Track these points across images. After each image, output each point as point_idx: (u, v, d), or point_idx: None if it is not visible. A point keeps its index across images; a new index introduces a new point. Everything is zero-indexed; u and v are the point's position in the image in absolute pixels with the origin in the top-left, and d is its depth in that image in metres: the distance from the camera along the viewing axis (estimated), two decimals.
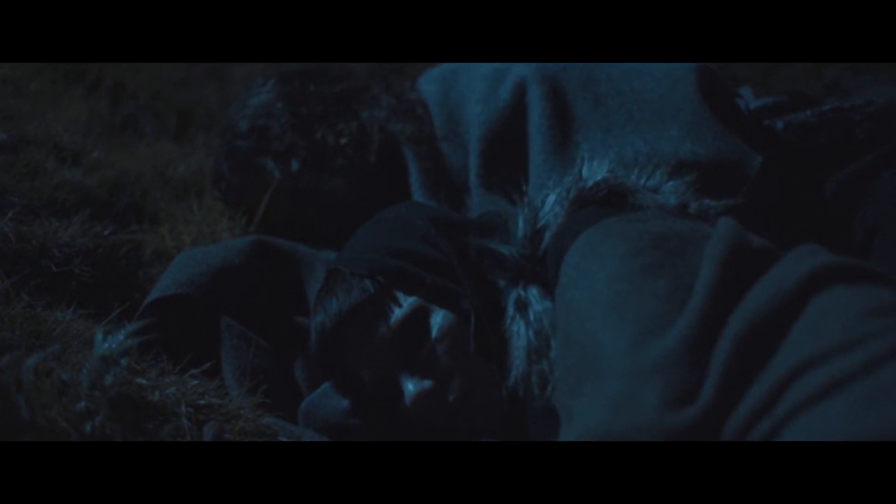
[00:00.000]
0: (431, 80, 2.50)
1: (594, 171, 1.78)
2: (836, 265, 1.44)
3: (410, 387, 1.81)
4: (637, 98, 2.19)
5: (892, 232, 2.08)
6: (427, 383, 1.81)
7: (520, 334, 1.67)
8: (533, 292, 1.68)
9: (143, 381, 1.66)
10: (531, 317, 1.66)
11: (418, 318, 1.82)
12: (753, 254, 1.49)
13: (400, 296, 1.83)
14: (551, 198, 1.75)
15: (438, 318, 1.81)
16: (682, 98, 2.16)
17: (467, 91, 2.37)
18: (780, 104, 2.30)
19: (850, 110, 2.22)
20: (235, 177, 2.47)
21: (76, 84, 3.06)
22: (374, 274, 1.84)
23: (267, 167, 2.43)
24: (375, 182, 2.42)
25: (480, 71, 2.35)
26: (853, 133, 2.20)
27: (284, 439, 1.78)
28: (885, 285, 1.44)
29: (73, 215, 2.22)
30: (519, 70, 2.29)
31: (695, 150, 2.09)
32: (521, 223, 1.74)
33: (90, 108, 2.92)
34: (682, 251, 1.52)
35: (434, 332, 1.81)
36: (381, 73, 2.61)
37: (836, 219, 2.16)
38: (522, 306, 1.68)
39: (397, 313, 1.83)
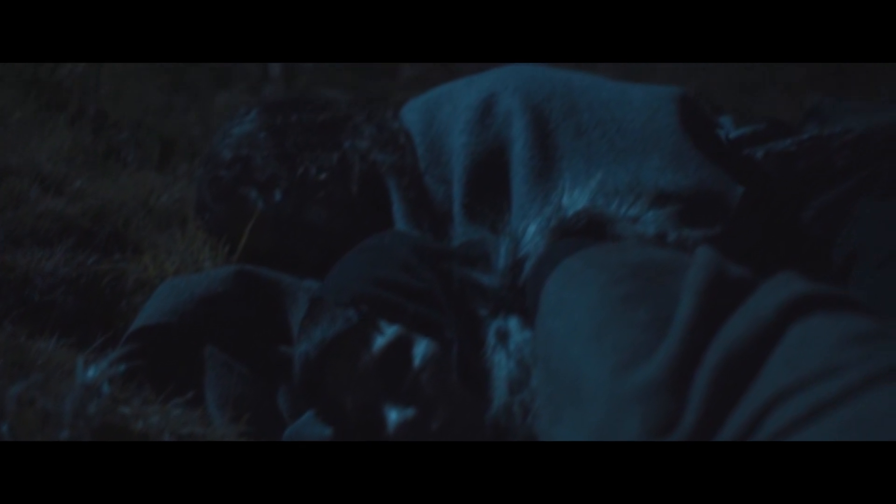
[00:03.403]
0: (414, 110, 2.50)
1: (574, 200, 1.79)
2: (813, 293, 1.45)
3: (393, 415, 1.82)
4: (619, 128, 2.20)
5: (870, 259, 2.09)
6: (410, 412, 1.81)
7: (501, 364, 1.68)
8: (513, 322, 1.69)
9: (127, 410, 1.66)
10: (511, 347, 1.67)
11: (401, 346, 1.83)
12: (732, 283, 1.50)
13: (383, 325, 1.84)
14: (532, 228, 1.75)
15: (421, 347, 1.82)
16: (664, 128, 2.17)
17: (451, 121, 2.37)
18: (759, 133, 2.31)
19: (829, 138, 2.23)
20: (219, 206, 2.47)
21: (59, 113, 3.06)
22: (358, 303, 1.85)
23: (250, 197, 2.43)
24: (358, 212, 2.42)
25: (465, 101, 2.35)
26: (832, 160, 2.21)
27: None
28: (863, 313, 1.45)
29: (56, 244, 2.22)
30: (504, 101, 2.29)
31: (676, 179, 2.10)
32: (502, 253, 1.74)
33: (73, 137, 2.92)
34: (661, 280, 1.52)
35: (417, 361, 1.82)
36: (364, 102, 2.62)
37: (814, 246, 2.18)
38: (503, 337, 1.69)
39: (380, 342, 1.83)
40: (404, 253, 1.90)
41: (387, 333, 1.83)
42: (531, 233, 1.75)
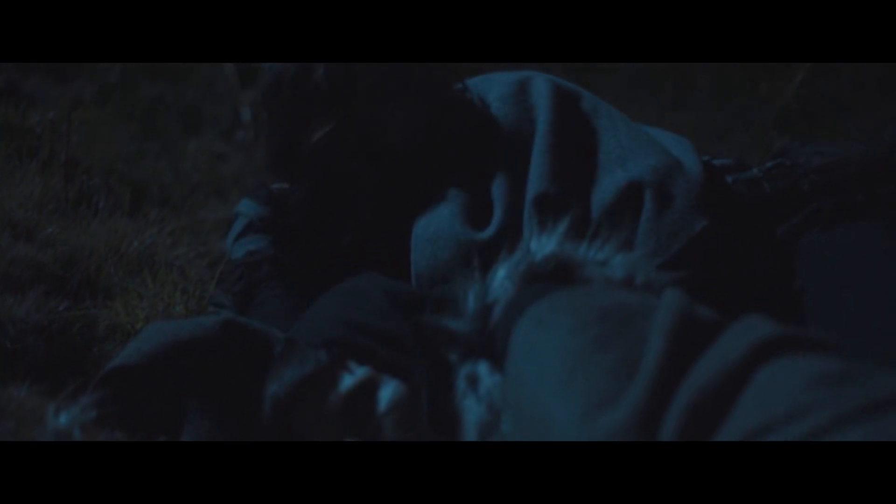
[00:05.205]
0: None
1: (542, 245, 1.80)
2: (781, 335, 1.46)
3: None
4: (629, 134, 2.33)
5: (820, 296, 2.12)
6: None
7: (471, 409, 1.68)
8: (483, 367, 1.69)
9: None
10: (481, 391, 1.68)
11: (368, 388, 1.84)
12: (700, 325, 1.51)
13: (353, 366, 1.85)
14: (501, 273, 1.76)
15: (388, 391, 1.83)
16: (675, 149, 2.26)
17: (486, 94, 2.48)
18: (726, 167, 2.37)
19: (794, 167, 2.27)
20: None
21: (30, 160, 3.06)
22: (329, 345, 1.86)
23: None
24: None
25: (502, 79, 2.48)
26: (798, 184, 2.25)
27: None
28: (828, 354, 1.46)
29: (28, 291, 2.22)
30: (538, 84, 2.43)
31: (659, 180, 2.20)
32: (471, 298, 1.75)
33: (44, 183, 2.93)
34: (630, 324, 1.53)
35: (382, 406, 1.82)
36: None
37: (773, 282, 2.20)
38: (473, 381, 1.69)
39: (347, 382, 1.84)
40: (377, 297, 1.91)
41: (355, 374, 1.84)
42: (500, 278, 1.76)
